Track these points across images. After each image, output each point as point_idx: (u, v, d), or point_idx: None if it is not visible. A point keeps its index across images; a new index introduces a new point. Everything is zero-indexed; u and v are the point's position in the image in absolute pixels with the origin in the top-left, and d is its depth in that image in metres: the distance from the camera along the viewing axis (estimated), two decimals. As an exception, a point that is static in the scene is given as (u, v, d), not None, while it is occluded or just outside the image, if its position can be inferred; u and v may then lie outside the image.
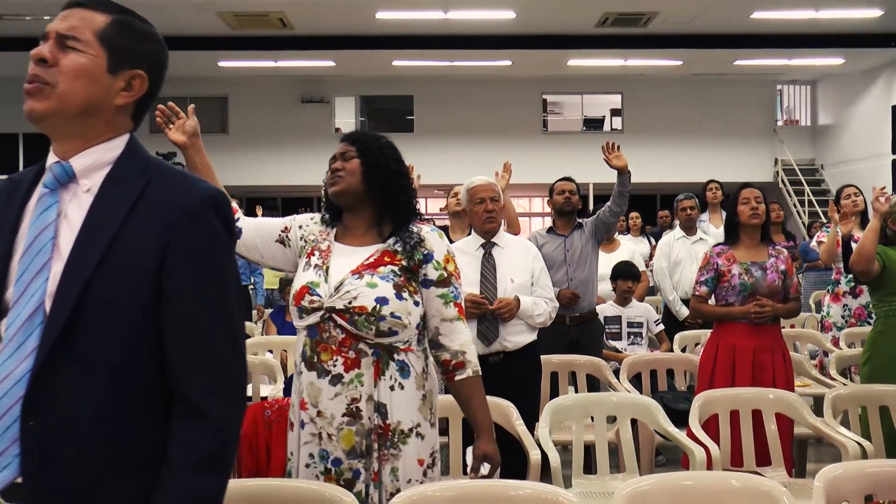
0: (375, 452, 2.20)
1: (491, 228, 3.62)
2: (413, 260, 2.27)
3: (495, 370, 3.50)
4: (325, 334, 2.21)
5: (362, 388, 2.19)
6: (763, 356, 3.69)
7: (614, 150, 4.50)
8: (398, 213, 2.32)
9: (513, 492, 2.12)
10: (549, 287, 3.65)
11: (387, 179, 2.31)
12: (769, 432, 3.37)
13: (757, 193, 3.88)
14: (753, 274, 3.77)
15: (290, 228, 2.40)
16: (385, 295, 2.19)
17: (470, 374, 2.29)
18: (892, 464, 2.42)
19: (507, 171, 4.76)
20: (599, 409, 3.29)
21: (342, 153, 2.33)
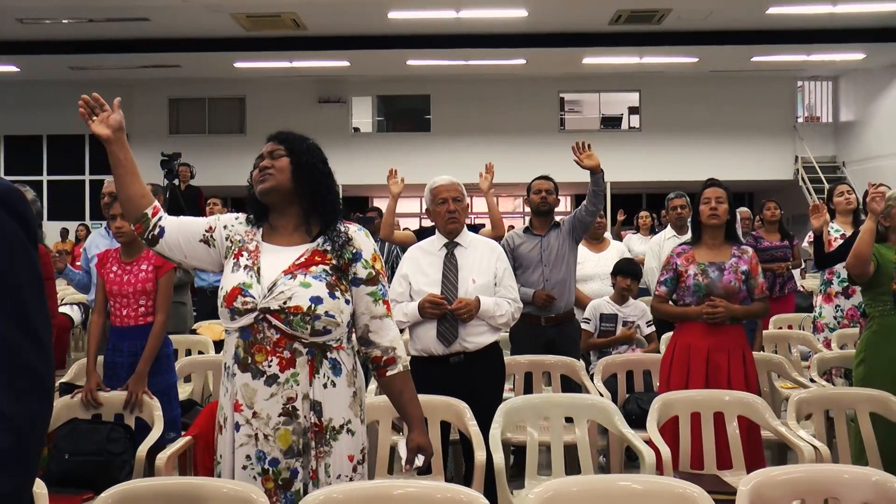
0: (313, 451, 2.21)
1: (453, 229, 3.61)
2: (343, 259, 2.28)
3: (456, 371, 3.52)
4: (260, 335, 2.22)
5: (298, 387, 2.21)
6: (719, 356, 3.64)
7: (585, 150, 4.44)
8: (325, 212, 2.33)
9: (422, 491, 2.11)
10: (512, 288, 3.63)
11: (314, 179, 2.32)
12: (730, 435, 3.33)
13: (719, 193, 3.81)
14: (709, 275, 3.72)
15: (215, 228, 2.39)
16: (319, 294, 2.21)
17: (400, 370, 2.33)
18: (822, 469, 2.38)
19: (489, 172, 4.74)
20: (555, 410, 3.27)
21: (270, 152, 2.34)
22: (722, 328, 3.68)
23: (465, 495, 2.07)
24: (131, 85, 17.20)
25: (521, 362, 4.16)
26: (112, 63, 15.10)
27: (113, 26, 13.20)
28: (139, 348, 3.66)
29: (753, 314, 3.84)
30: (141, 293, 3.74)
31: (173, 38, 13.90)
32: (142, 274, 3.75)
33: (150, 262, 3.78)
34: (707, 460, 3.35)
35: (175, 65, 15.43)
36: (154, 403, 3.57)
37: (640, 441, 3.03)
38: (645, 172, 17.10)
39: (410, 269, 3.63)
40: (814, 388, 3.84)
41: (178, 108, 17.95)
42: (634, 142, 17.51)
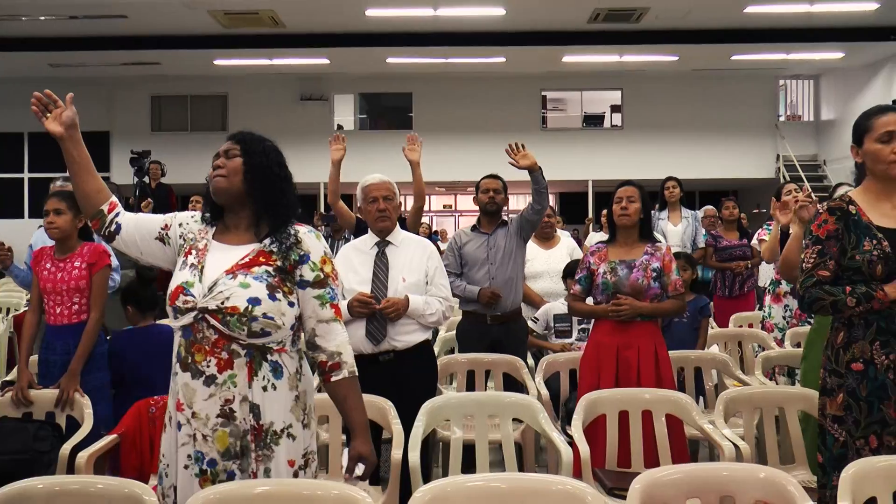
0: (253, 453, 2.20)
1: (384, 227, 3.61)
2: (288, 260, 2.26)
3: (386, 369, 3.52)
4: (199, 335, 2.21)
5: (235, 388, 2.19)
6: (628, 353, 3.64)
7: (520, 151, 4.44)
8: (277, 214, 2.30)
9: (320, 491, 2.11)
10: (444, 286, 3.63)
11: (267, 181, 2.30)
12: (657, 433, 3.33)
13: (631, 192, 3.81)
14: (618, 272, 3.72)
15: (171, 226, 2.39)
16: (257, 295, 2.19)
17: (346, 375, 2.29)
18: (715, 467, 2.39)
19: (413, 143, 4.69)
20: (480, 409, 3.27)
21: (226, 151, 2.33)
22: (631, 325, 3.68)
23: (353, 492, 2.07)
24: (113, 83, 17.19)
25: (461, 361, 4.16)
26: (92, 60, 15.06)
27: (91, 23, 13.17)
28: (72, 346, 3.65)
29: (664, 311, 3.83)
30: (74, 290, 3.72)
31: (152, 35, 13.87)
32: (75, 271, 3.74)
33: (84, 259, 3.77)
34: (634, 458, 3.35)
35: (155, 62, 15.40)
36: (85, 402, 3.56)
37: (560, 439, 3.03)
38: (627, 171, 16.93)
39: (342, 267, 3.62)
40: (744, 387, 3.85)
41: (159, 105, 17.91)
42: (616, 140, 17.54)
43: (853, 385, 2.67)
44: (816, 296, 2.67)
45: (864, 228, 2.68)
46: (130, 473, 3.23)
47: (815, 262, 2.70)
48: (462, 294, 4.60)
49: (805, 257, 2.75)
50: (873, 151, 2.74)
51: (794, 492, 2.21)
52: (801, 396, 3.41)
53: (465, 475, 2.23)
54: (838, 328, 2.73)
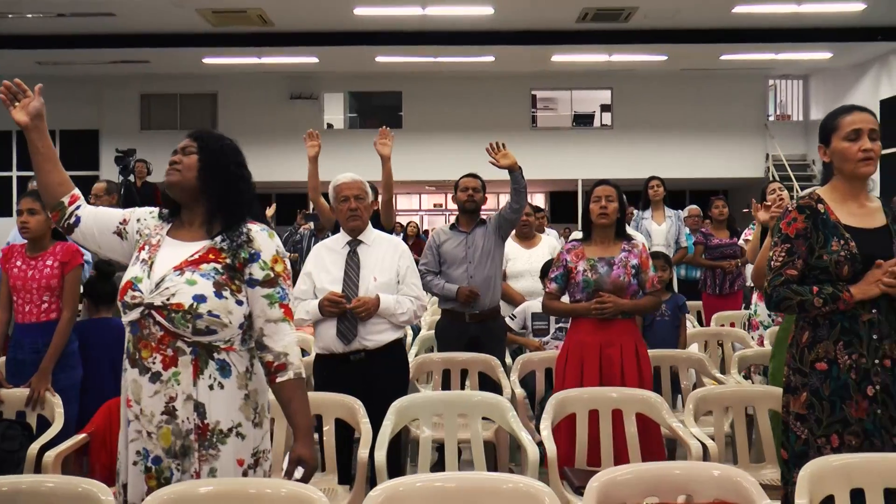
0: (196, 453, 2.18)
1: (355, 226, 3.61)
2: (238, 258, 2.24)
3: (357, 369, 3.52)
4: (146, 331, 2.21)
5: (179, 386, 2.18)
6: (611, 351, 3.64)
7: (500, 150, 4.44)
8: (230, 212, 2.29)
9: (269, 490, 2.11)
10: (415, 286, 3.63)
11: (222, 179, 2.29)
12: (627, 432, 3.33)
13: (609, 192, 3.82)
14: (598, 270, 3.72)
15: (129, 221, 2.40)
16: (203, 293, 2.18)
17: (291, 377, 2.25)
18: (671, 466, 2.39)
19: (384, 137, 4.69)
20: (449, 408, 3.27)
21: (183, 147, 2.33)
22: (613, 323, 3.69)
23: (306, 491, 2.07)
24: (102, 81, 17.14)
25: (435, 360, 4.16)
26: (80, 58, 15.01)
27: (79, 21, 13.12)
28: (41, 345, 3.65)
29: (643, 308, 3.86)
30: (45, 289, 3.72)
31: (140, 33, 13.83)
32: (46, 270, 3.73)
33: (56, 258, 3.76)
34: (604, 457, 3.35)
35: (144, 60, 15.35)
36: (56, 401, 3.56)
37: (528, 438, 3.03)
38: (617, 170, 17.05)
39: (314, 266, 3.63)
40: (713, 386, 3.86)
41: (149, 104, 17.85)
42: (606, 140, 17.55)
43: (817, 384, 2.67)
44: (784, 295, 2.68)
45: (832, 228, 2.69)
46: (101, 472, 3.22)
47: (784, 260, 2.71)
48: (440, 292, 4.61)
49: (773, 255, 2.75)
50: (841, 150, 2.74)
51: (750, 489, 2.21)
52: (770, 395, 3.41)
53: (420, 475, 2.22)
54: (803, 327, 2.74)
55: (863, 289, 2.62)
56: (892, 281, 2.59)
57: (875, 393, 2.64)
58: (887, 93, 14.84)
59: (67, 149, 17.67)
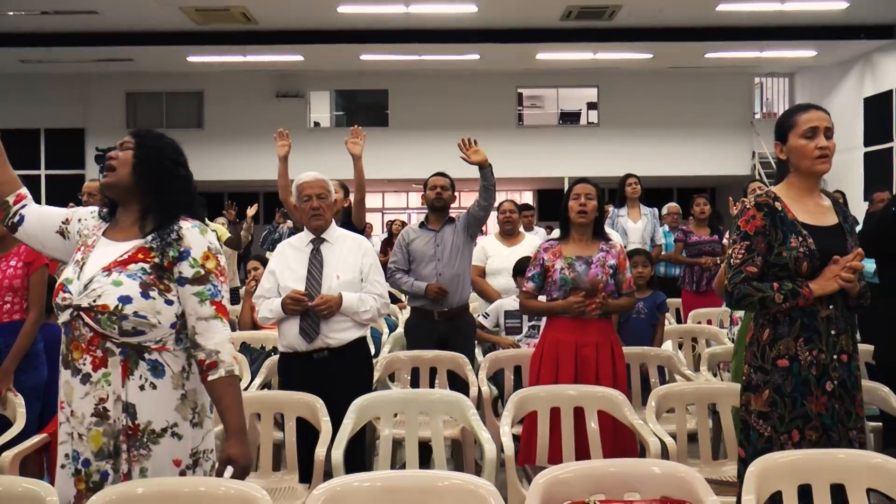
0: (124, 454, 2.18)
1: (317, 225, 3.61)
2: (166, 257, 2.23)
3: (321, 367, 3.52)
4: (77, 332, 2.20)
5: (109, 387, 2.18)
6: (587, 350, 3.65)
7: (471, 146, 4.45)
8: (164, 210, 2.28)
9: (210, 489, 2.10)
10: (379, 283, 3.63)
11: (156, 176, 2.28)
12: (589, 430, 3.33)
13: (588, 190, 3.81)
14: (576, 268, 3.72)
15: (71, 221, 2.39)
16: (129, 293, 2.17)
17: (222, 375, 2.23)
18: (617, 463, 2.40)
19: (356, 136, 4.68)
20: (409, 406, 3.27)
21: (121, 143, 2.33)
22: (589, 322, 3.69)
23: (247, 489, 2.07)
24: (87, 79, 17.07)
25: (403, 358, 4.16)
26: (64, 56, 14.95)
27: (62, 19, 13.07)
28: (2, 345, 3.63)
29: (620, 308, 3.87)
30: (7, 289, 3.70)
31: (124, 31, 13.79)
32: (10, 270, 3.71)
33: (21, 258, 3.74)
34: (565, 454, 3.35)
35: (128, 58, 15.31)
36: (18, 401, 3.54)
37: (487, 436, 3.03)
38: (603, 167, 17.11)
39: (278, 264, 3.63)
40: (675, 384, 3.87)
41: (135, 102, 17.79)
42: (593, 137, 17.58)
43: (779, 381, 2.69)
44: (745, 292, 2.69)
45: (789, 225, 2.70)
46: (60, 472, 3.21)
47: (744, 257, 2.72)
48: (410, 290, 4.61)
49: (733, 253, 2.76)
50: (798, 147, 2.76)
51: (696, 486, 2.22)
52: (733, 391, 3.40)
53: (362, 473, 2.22)
54: (763, 325, 2.75)
55: (822, 284, 2.64)
56: (850, 276, 2.62)
57: (833, 388, 2.67)
58: (871, 91, 14.91)
59: (53, 147, 17.61)
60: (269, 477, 3.36)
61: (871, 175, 14.71)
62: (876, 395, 3.52)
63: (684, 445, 3.44)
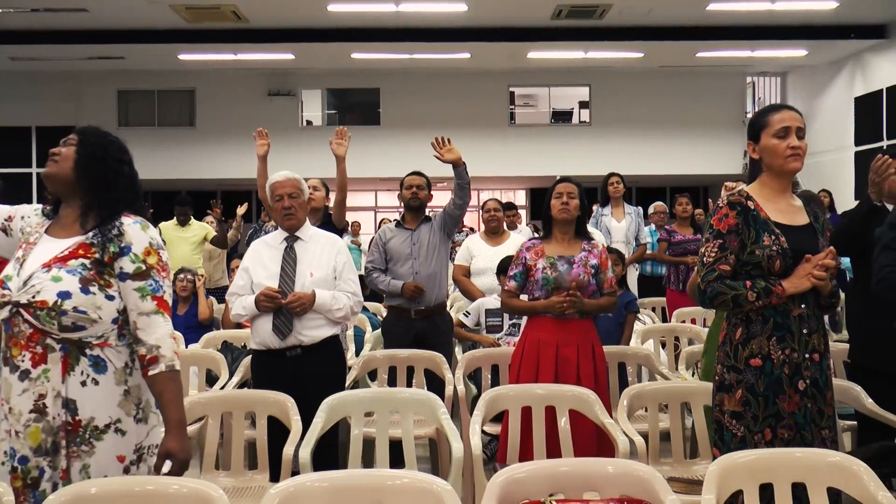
0: (63, 450, 2.18)
1: (289, 225, 3.62)
2: (107, 253, 2.25)
3: (293, 364, 3.52)
4: (16, 329, 2.21)
5: (49, 384, 2.18)
6: (567, 350, 3.64)
7: (445, 145, 4.45)
8: (105, 207, 2.30)
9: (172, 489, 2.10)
10: (352, 281, 3.63)
11: (100, 173, 2.30)
12: (560, 429, 3.33)
13: (571, 188, 3.81)
14: (558, 268, 3.71)
15: (14, 218, 2.41)
16: (68, 289, 2.18)
17: (163, 370, 2.26)
18: (576, 462, 2.40)
19: (340, 137, 4.67)
20: (380, 405, 3.27)
21: (65, 140, 2.34)
22: (570, 322, 3.68)
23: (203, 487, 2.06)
24: (79, 77, 17.02)
25: (379, 357, 4.15)
26: (55, 54, 14.91)
27: (52, 16, 13.02)
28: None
29: (602, 308, 3.85)
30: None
31: (114, 29, 13.75)
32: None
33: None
34: (536, 453, 3.35)
35: (119, 56, 15.26)
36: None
37: (455, 435, 3.03)
38: (595, 166, 17.09)
39: (251, 262, 3.63)
40: (648, 382, 3.87)
41: (126, 100, 17.75)
42: (585, 136, 17.57)
43: (752, 381, 2.69)
44: (718, 290, 2.69)
45: (762, 223, 2.71)
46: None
47: (717, 256, 2.72)
48: (386, 289, 4.61)
49: (706, 251, 2.76)
50: (770, 147, 2.77)
51: (654, 485, 2.22)
52: (705, 391, 3.41)
53: (318, 473, 2.22)
54: (736, 324, 2.75)
55: (794, 282, 2.65)
56: (822, 274, 2.63)
57: (805, 387, 2.68)
58: (861, 90, 14.92)
59: (44, 145, 17.51)
60: (241, 476, 3.35)
61: (862, 174, 14.67)
62: (849, 394, 3.52)
63: (656, 444, 3.45)
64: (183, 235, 8.06)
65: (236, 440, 3.30)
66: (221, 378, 4.36)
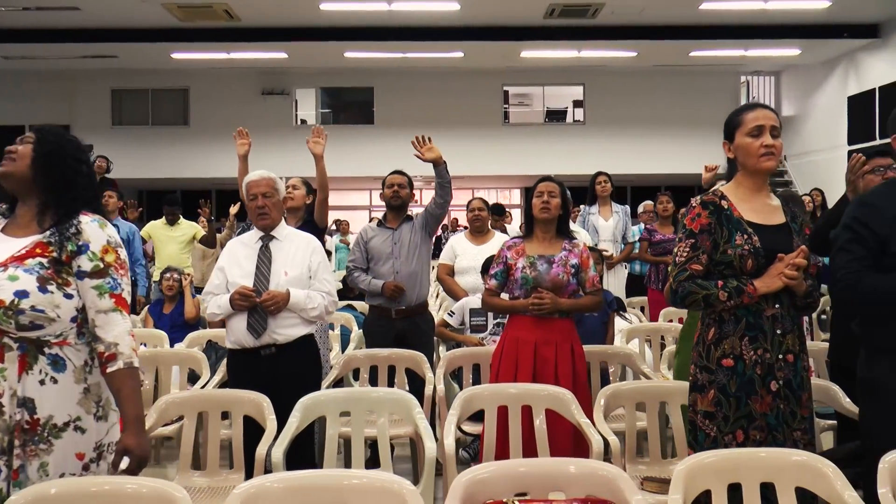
0: (17, 449, 2.16)
1: (264, 224, 3.61)
2: (65, 251, 2.24)
3: (269, 363, 3.51)
4: None
5: (5, 382, 2.16)
6: (546, 350, 3.62)
7: (425, 144, 4.44)
8: (62, 205, 2.29)
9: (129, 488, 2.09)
10: (327, 281, 3.62)
11: (57, 171, 2.30)
12: (537, 429, 3.32)
13: (552, 188, 3.80)
14: (538, 267, 3.70)
15: None
16: (25, 288, 2.16)
17: (121, 367, 2.25)
18: (541, 462, 2.39)
19: (318, 136, 4.67)
20: (355, 405, 3.26)
21: (21, 138, 2.34)
22: (550, 321, 3.67)
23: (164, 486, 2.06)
24: (72, 75, 17.01)
25: (360, 357, 4.14)
26: (48, 53, 14.90)
27: (44, 15, 13.02)
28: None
29: (583, 307, 3.83)
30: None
31: (107, 27, 13.75)
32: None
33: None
34: (513, 453, 3.34)
35: (112, 55, 15.24)
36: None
37: (429, 435, 3.02)
38: (589, 165, 17.07)
39: (227, 261, 3.63)
40: (625, 382, 3.86)
41: (120, 99, 17.74)
42: (579, 135, 17.58)
43: (723, 381, 2.68)
44: (689, 290, 2.68)
45: (735, 223, 2.70)
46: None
47: (689, 255, 2.71)
48: (367, 288, 4.60)
49: (678, 251, 2.75)
50: (744, 146, 2.76)
51: (620, 485, 2.21)
52: (682, 390, 3.38)
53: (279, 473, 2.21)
54: (709, 324, 2.74)
55: (766, 282, 2.64)
56: (793, 273, 2.61)
57: (778, 388, 2.66)
58: (854, 89, 14.94)
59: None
60: (216, 476, 3.35)
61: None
62: (827, 394, 3.51)
63: (633, 444, 3.44)
64: (171, 234, 8.07)
65: (212, 440, 3.29)
66: (203, 377, 4.35)
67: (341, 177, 16.49)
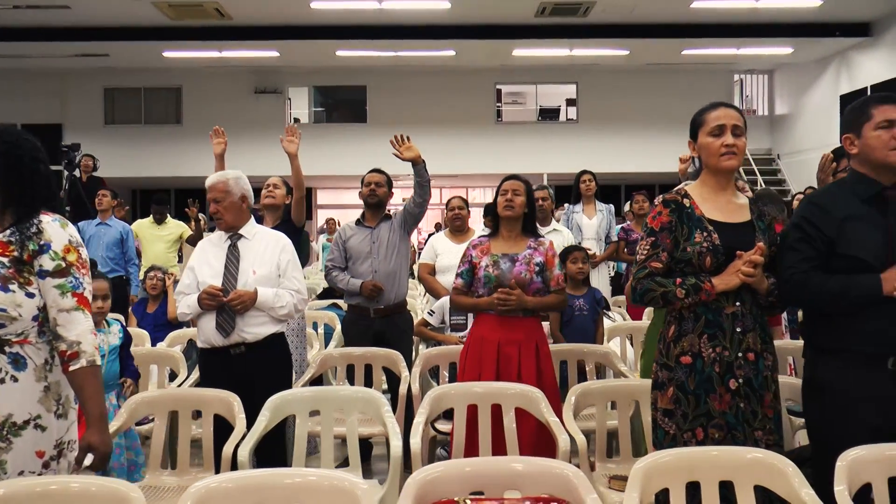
0: None
1: (221, 227, 3.63)
2: (26, 250, 2.25)
3: (238, 362, 3.51)
4: None
5: None
6: (509, 348, 3.61)
7: (404, 143, 4.43)
8: (21, 205, 2.30)
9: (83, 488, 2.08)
10: (296, 279, 3.62)
11: (16, 171, 2.30)
12: (506, 427, 3.32)
13: (516, 186, 3.79)
14: (501, 266, 3.69)
15: None
16: None
17: (83, 365, 2.27)
18: (499, 461, 2.39)
19: (292, 135, 4.66)
20: (325, 404, 3.26)
21: None
22: (514, 320, 3.66)
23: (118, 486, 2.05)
24: (64, 74, 17.00)
25: (335, 356, 4.14)
26: (40, 51, 14.88)
27: (34, 14, 13.00)
28: None
29: (547, 306, 3.82)
30: None
31: (97, 26, 13.73)
32: None
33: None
34: (482, 451, 3.34)
35: (104, 54, 15.22)
36: None
37: (396, 434, 3.02)
38: (582, 164, 17.03)
39: (197, 261, 3.63)
40: (596, 380, 3.86)
41: (112, 97, 17.72)
42: (572, 133, 17.57)
43: (682, 378, 2.67)
44: (648, 287, 2.68)
45: (696, 221, 2.70)
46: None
47: (649, 253, 2.71)
48: (345, 287, 4.60)
49: (639, 249, 2.76)
50: (706, 145, 2.78)
51: (576, 483, 2.21)
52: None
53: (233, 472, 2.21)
54: (670, 322, 2.74)
55: (724, 279, 2.64)
56: (750, 270, 2.60)
57: (738, 386, 2.65)
58: (846, 88, 14.94)
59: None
60: (186, 475, 3.34)
61: (847, 172, 14.71)
62: (797, 392, 3.51)
63: (603, 443, 3.44)
64: (158, 233, 8.07)
65: (182, 439, 3.29)
66: (180, 376, 4.35)
67: (334, 175, 16.49)
